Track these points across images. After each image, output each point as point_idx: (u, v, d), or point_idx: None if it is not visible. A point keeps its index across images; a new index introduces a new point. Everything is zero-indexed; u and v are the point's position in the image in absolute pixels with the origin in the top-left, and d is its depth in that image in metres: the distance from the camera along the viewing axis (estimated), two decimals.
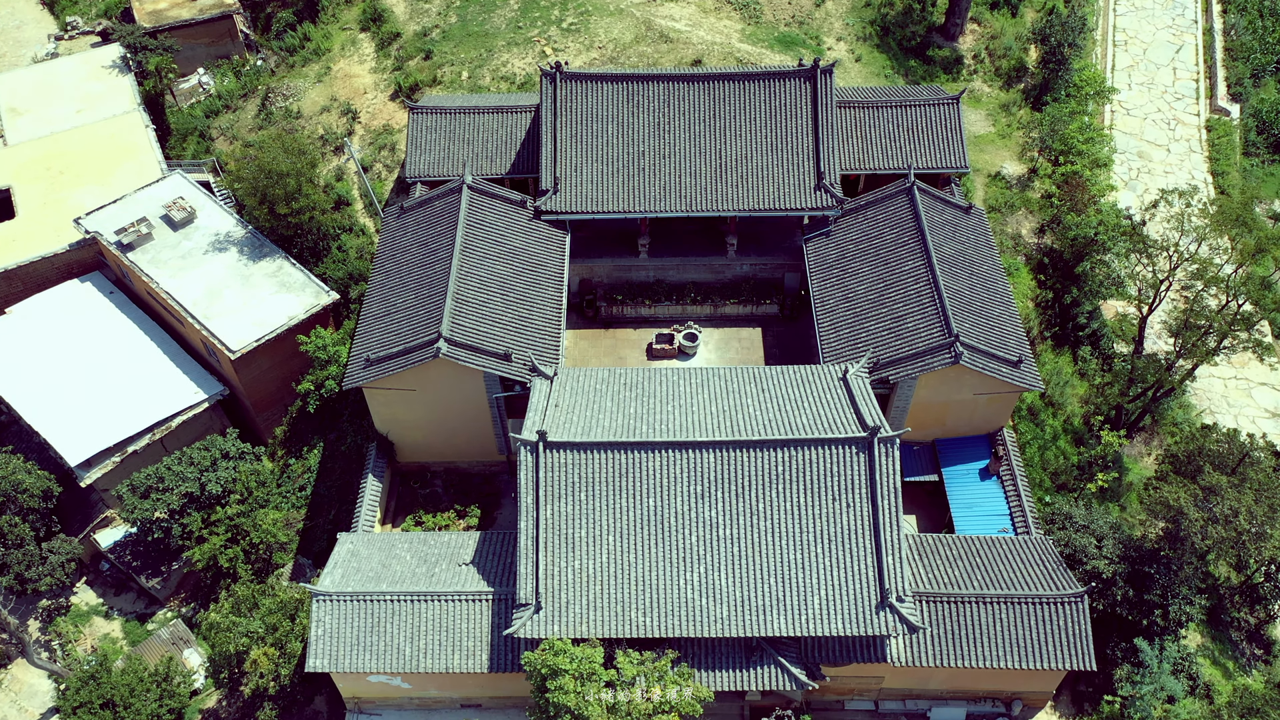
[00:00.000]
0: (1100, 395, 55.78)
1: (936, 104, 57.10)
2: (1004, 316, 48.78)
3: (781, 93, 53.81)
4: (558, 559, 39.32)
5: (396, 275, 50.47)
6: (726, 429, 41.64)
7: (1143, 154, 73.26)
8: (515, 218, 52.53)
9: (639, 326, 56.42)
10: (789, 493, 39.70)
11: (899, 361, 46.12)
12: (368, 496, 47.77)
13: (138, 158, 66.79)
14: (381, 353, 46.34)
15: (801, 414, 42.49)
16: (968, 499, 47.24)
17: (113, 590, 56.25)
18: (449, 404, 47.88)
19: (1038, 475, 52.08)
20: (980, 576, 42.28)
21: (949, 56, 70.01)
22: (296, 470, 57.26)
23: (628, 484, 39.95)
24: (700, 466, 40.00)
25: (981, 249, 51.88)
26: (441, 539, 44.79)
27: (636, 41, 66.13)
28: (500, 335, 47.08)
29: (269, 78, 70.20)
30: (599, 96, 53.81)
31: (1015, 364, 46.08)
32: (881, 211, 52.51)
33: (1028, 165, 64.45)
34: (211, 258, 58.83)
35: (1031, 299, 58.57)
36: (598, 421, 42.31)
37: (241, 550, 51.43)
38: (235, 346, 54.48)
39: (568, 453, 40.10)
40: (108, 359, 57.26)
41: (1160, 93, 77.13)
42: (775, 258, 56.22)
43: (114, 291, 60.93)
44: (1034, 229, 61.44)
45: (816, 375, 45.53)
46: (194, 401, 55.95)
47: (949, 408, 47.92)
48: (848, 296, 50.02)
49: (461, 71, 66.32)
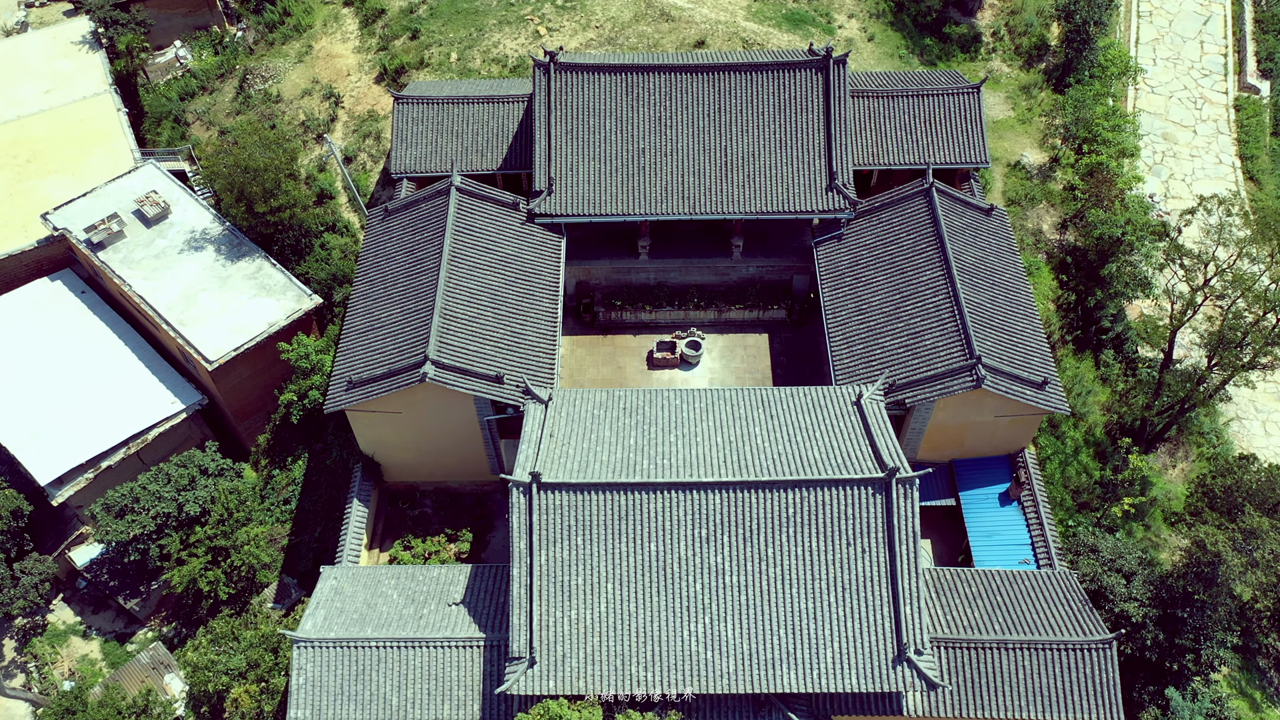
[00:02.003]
0: (1124, 404, 53.05)
1: (956, 93, 53.56)
2: (1028, 331, 45.84)
3: (791, 84, 50.27)
4: (553, 609, 36.83)
5: (381, 285, 47.41)
6: (733, 463, 38.98)
7: (1168, 136, 69.69)
8: (507, 221, 49.32)
9: (639, 332, 53.46)
10: (800, 537, 37.10)
11: (916, 384, 43.28)
12: (353, 524, 45.20)
13: (109, 144, 63.16)
14: (364, 374, 43.48)
15: (813, 446, 39.76)
16: (987, 526, 44.70)
17: (91, 608, 53.95)
18: (438, 426, 45.16)
19: (1058, 494, 49.55)
20: (1001, 618, 39.86)
21: (966, 34, 66.16)
22: (280, 482, 54.70)
23: (627, 527, 37.33)
24: (705, 508, 37.35)
25: (1003, 255, 48.76)
26: (430, 574, 42.30)
27: (636, 20, 62.25)
28: (491, 354, 44.17)
29: (246, 57, 66.31)
30: (595, 89, 50.26)
31: (1040, 386, 43.28)
32: (897, 214, 49.30)
33: (1049, 154, 60.98)
34: (187, 257, 55.62)
35: (1052, 300, 55.55)
36: (595, 455, 39.60)
37: (223, 573, 49.06)
38: (212, 357, 51.55)
39: (563, 494, 37.42)
40: (79, 365, 54.28)
41: (1187, 68, 73.32)
42: (783, 259, 53.12)
43: (86, 291, 57.78)
44: (1056, 224, 58.18)
45: (828, 399, 42.73)
46: (171, 412, 53.12)
47: (968, 429, 45.22)
48: (861, 308, 47.03)
49: (450, 53, 62.53)
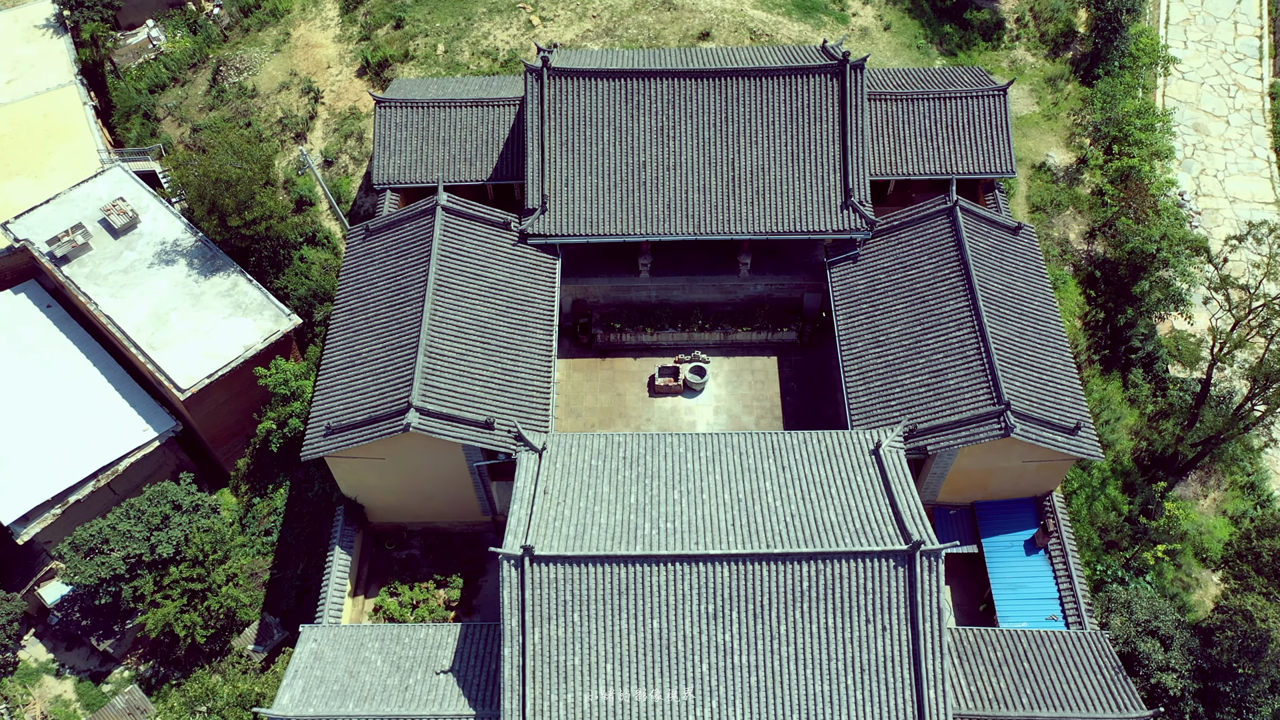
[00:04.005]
0: (1153, 429, 50.01)
1: (981, 95, 49.74)
2: (1058, 367, 42.60)
3: (804, 91, 46.46)
4: (548, 692, 34.06)
5: (362, 315, 44.03)
6: (742, 526, 36.01)
7: (1199, 127, 65.76)
8: (497, 243, 45.80)
9: (640, 355, 50.21)
10: (815, 613, 34.23)
11: (939, 430, 40.14)
12: (335, 574, 42.32)
13: (74, 141, 59.25)
14: (344, 419, 40.30)
15: (829, 506, 36.75)
16: (1011, 577, 41.87)
17: (64, 645, 51.26)
18: (424, 471, 42.10)
19: (1085, 532, 46.67)
20: (1030, 689, 37.17)
21: (988, 20, 61.90)
22: (261, 510, 51.79)
23: (628, 603, 34.43)
24: (713, 582, 34.41)
25: (1031, 279, 45.34)
26: (417, 635, 39.48)
27: (635, 9, 58.04)
28: (481, 395, 40.97)
29: (220, 46, 62.03)
30: (592, 96, 46.45)
31: (1072, 431, 40.17)
32: (918, 235, 45.81)
33: (1076, 153, 57.17)
34: (157, 272, 52.05)
35: (1079, 317, 52.22)
36: (593, 516, 36.59)
37: (200, 615, 46.33)
38: (184, 385, 48.25)
39: (558, 566, 34.46)
40: (44, 388, 50.98)
41: (1219, 52, 69.13)
42: (794, 276, 49.69)
43: (52, 305, 54.26)
44: (1083, 232, 54.61)
45: (844, 447, 39.61)
46: (143, 441, 49.89)
47: (993, 473, 42.20)
48: (878, 340, 43.73)
49: (437, 44, 58.38)
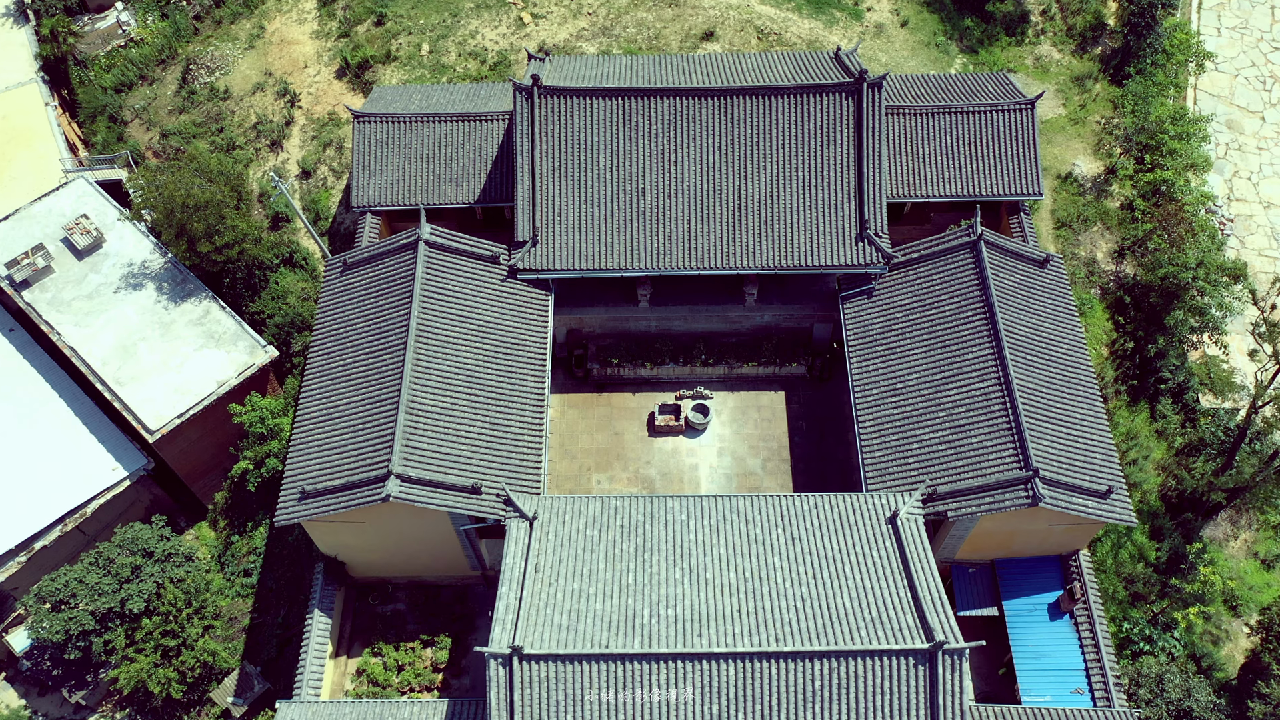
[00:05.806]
0: (1182, 466, 47.20)
1: (1006, 109, 46.14)
2: (1088, 420, 39.55)
3: (817, 111, 42.85)
4: None
5: (340, 362, 40.91)
6: (749, 613, 33.34)
7: (1232, 123, 61.99)
8: (485, 279, 42.53)
9: (639, 390, 47.22)
10: (828, 715, 31.69)
11: (960, 494, 37.24)
12: (314, 639, 39.73)
13: (35, 147, 55.59)
14: (320, 484, 37.39)
15: (843, 589, 34.04)
16: (1034, 645, 39.27)
17: (36, 690, 49.00)
18: (407, 534, 39.30)
19: (1110, 584, 44.08)
20: None
21: (1012, 13, 57.82)
22: (241, 550, 49.17)
23: (625, 703, 31.89)
24: (717, 681, 31.81)
25: (1060, 318, 42.13)
26: (400, 714, 37.08)
27: (634, 6, 53.97)
28: (467, 455, 38.04)
29: (191, 39, 57.96)
30: (588, 117, 42.85)
31: (1104, 495, 37.31)
32: (938, 270, 42.53)
33: (1105, 162, 53.53)
34: (124, 298, 48.80)
35: (1106, 346, 49.08)
36: (588, 601, 33.89)
37: (175, 671, 43.94)
38: (154, 425, 45.30)
39: (549, 665, 31.83)
40: (6, 424, 48.08)
41: (1255, 40, 65.11)
42: (803, 306, 46.49)
43: (14, 329, 51.02)
44: (1112, 251, 51.21)
45: (858, 514, 36.80)
46: (113, 481, 46.99)
47: (1016, 535, 39.43)
48: (895, 389, 40.66)
49: (421, 43, 54.42)
